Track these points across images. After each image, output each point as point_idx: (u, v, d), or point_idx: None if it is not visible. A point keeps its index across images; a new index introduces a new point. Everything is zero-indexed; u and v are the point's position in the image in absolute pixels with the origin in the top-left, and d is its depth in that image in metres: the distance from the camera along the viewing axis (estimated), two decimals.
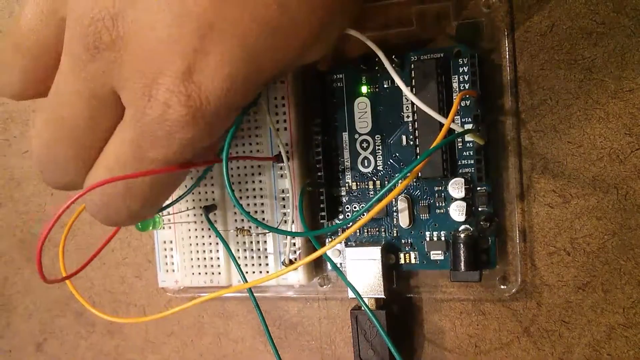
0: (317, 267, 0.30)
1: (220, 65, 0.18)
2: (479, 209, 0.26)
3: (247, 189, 0.29)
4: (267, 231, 0.28)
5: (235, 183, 0.29)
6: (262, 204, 0.29)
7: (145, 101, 0.18)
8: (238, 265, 0.27)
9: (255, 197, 0.29)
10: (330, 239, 0.29)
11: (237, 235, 0.29)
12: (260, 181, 0.29)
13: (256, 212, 0.29)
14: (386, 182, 0.28)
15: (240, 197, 0.29)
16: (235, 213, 0.29)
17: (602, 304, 0.26)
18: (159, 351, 0.34)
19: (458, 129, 0.25)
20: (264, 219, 0.29)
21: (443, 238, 0.27)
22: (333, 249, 0.29)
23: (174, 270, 0.31)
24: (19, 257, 0.37)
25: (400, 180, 0.23)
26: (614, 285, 0.26)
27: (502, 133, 0.27)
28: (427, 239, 0.27)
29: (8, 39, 0.21)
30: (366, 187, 0.28)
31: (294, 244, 0.28)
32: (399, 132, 0.27)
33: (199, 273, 0.30)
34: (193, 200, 0.30)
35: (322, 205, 0.28)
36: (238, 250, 0.29)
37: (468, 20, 0.26)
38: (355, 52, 0.27)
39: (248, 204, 0.29)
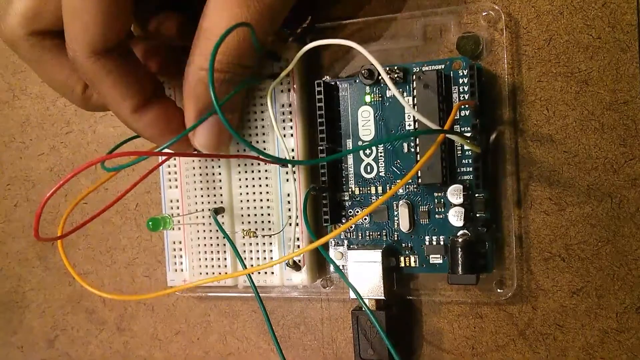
0: (320, 269, 0.31)
1: None
2: (477, 215, 0.27)
3: (254, 192, 0.30)
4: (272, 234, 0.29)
5: (242, 186, 0.30)
6: (268, 207, 0.30)
7: None
8: (244, 265, 0.28)
9: (262, 200, 0.30)
10: (334, 243, 0.30)
11: (243, 237, 0.30)
12: (267, 185, 0.30)
13: (262, 214, 0.30)
14: (388, 188, 0.29)
15: (247, 200, 0.30)
16: (242, 215, 0.30)
17: (595, 308, 0.27)
18: (166, 349, 0.36)
19: (455, 138, 0.26)
20: (269, 221, 0.30)
21: (442, 242, 0.28)
22: (336, 251, 0.30)
23: (182, 270, 0.32)
24: (33, 256, 0.39)
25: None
26: (608, 291, 0.27)
27: (501, 142, 0.28)
28: (427, 243, 0.28)
29: None
30: (369, 192, 0.29)
31: (298, 246, 0.29)
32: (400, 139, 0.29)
33: (207, 273, 0.31)
34: (202, 202, 0.31)
35: (325, 209, 0.29)
36: (244, 251, 0.30)
37: (469, 34, 0.27)
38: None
39: (255, 207, 0.30)
